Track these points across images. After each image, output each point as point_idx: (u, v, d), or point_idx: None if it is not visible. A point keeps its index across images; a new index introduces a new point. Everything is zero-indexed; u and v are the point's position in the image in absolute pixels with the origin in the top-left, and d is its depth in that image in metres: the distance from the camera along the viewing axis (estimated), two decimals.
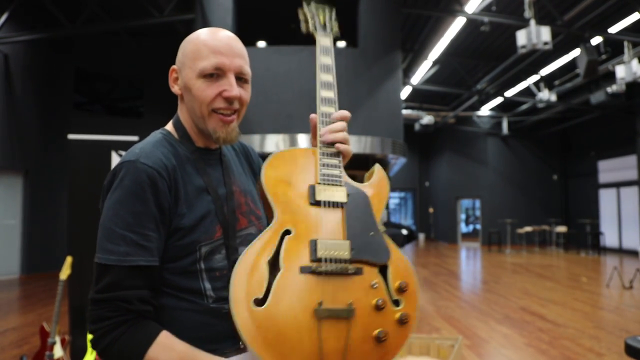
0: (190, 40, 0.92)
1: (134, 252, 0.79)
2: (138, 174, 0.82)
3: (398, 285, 0.84)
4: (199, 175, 0.91)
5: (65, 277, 3.08)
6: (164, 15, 7.49)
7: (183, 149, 0.93)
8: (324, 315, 0.76)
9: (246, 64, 0.91)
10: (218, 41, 0.88)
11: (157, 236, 0.82)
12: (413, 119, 13.97)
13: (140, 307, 0.78)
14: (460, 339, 3.32)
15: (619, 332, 4.70)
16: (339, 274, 0.80)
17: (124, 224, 0.80)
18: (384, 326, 0.81)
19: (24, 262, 8.65)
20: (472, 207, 18.93)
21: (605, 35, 8.11)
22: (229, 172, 0.98)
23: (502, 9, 8.27)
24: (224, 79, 0.87)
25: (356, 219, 0.88)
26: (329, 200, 0.88)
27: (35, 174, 8.88)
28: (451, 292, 7.15)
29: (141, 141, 0.93)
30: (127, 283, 0.78)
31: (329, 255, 0.81)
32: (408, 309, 0.84)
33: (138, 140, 3.52)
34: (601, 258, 11.84)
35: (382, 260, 0.86)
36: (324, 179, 0.90)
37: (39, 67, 9.10)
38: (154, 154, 0.86)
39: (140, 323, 0.78)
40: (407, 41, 10.63)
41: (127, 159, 0.85)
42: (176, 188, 0.86)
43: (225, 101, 0.88)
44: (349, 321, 0.78)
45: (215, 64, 0.86)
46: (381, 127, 7.00)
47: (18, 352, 3.93)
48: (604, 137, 13.76)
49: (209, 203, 0.89)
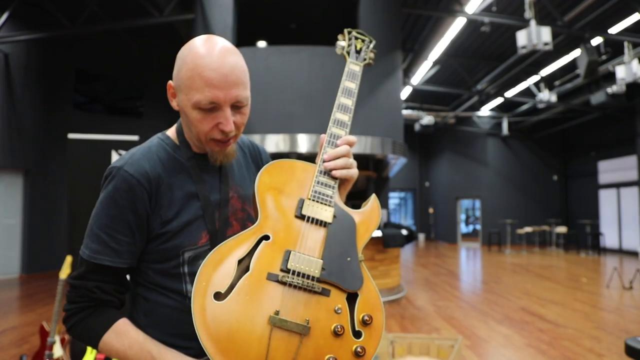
0: (185, 62, 0.86)
1: (102, 252, 0.86)
2: (119, 181, 0.87)
3: (362, 317, 0.82)
4: (193, 182, 0.93)
5: (65, 277, 3.08)
6: (164, 15, 7.49)
7: (179, 155, 0.95)
8: (278, 324, 0.76)
9: (244, 89, 0.88)
10: (213, 71, 0.83)
11: (130, 240, 0.87)
12: (413, 119, 13.97)
13: (102, 297, 0.87)
14: (460, 339, 3.32)
15: (619, 332, 4.70)
16: (304, 289, 0.80)
17: (100, 224, 0.88)
18: (337, 354, 0.78)
19: (24, 262, 8.66)
20: (472, 208, 18.92)
21: (606, 36, 8.11)
22: (227, 177, 0.99)
23: (502, 9, 8.28)
24: (220, 112, 0.87)
25: (337, 241, 0.87)
26: (314, 216, 0.88)
27: (35, 173, 8.88)
28: (451, 292, 7.15)
29: (138, 145, 0.96)
30: (93, 276, 0.87)
31: (298, 269, 0.81)
32: (368, 343, 0.80)
33: (138, 139, 3.53)
34: (601, 258, 11.84)
35: (351, 287, 0.83)
36: (315, 196, 0.90)
37: (39, 67, 9.10)
38: (139, 162, 0.89)
39: (101, 310, 0.87)
40: (407, 41, 10.64)
41: (115, 164, 0.90)
42: (157, 196, 0.89)
43: (221, 133, 0.88)
44: (301, 338, 0.77)
45: (210, 99, 0.84)
46: (381, 127, 7.01)
47: (18, 352, 3.93)
48: (604, 137, 13.77)
49: (197, 209, 0.91)
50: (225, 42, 0.88)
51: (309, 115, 6.65)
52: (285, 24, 9.39)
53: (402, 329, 4.80)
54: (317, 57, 6.85)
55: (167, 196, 0.90)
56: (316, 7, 8.49)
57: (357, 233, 0.90)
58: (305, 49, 6.90)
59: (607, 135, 13.55)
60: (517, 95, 12.95)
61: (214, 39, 0.88)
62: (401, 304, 6.12)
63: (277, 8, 8.63)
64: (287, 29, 9.54)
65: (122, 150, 3.48)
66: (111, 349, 0.84)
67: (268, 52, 7.34)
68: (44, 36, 7.83)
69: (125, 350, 0.83)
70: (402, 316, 5.43)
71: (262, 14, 8.79)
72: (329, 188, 0.92)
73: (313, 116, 6.66)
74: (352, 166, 0.96)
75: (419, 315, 5.48)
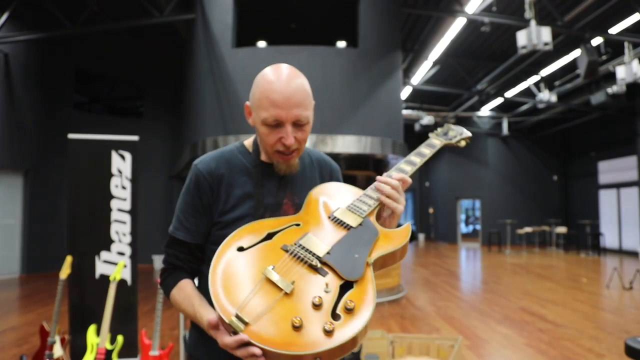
0: (258, 86, 1.05)
1: (179, 228, 1.10)
2: (192, 174, 1.11)
3: (347, 302, 0.82)
4: (252, 185, 1.10)
5: (65, 277, 3.08)
6: (164, 15, 7.49)
7: (248, 161, 1.14)
8: (267, 275, 0.86)
9: (305, 110, 1.04)
10: (278, 94, 1.00)
11: (198, 222, 1.09)
12: (413, 119, 13.97)
13: (177, 263, 1.11)
14: (460, 339, 3.33)
15: (619, 332, 4.70)
16: (304, 262, 0.90)
17: (179, 207, 1.12)
18: (305, 319, 0.79)
19: (24, 262, 8.66)
20: (472, 208, 18.93)
21: (606, 36, 8.11)
22: (285, 186, 1.13)
23: (502, 9, 8.27)
24: (282, 128, 1.03)
25: (352, 240, 0.96)
26: (341, 219, 1.01)
27: (35, 174, 8.88)
28: (451, 292, 7.15)
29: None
30: (172, 247, 1.12)
31: (306, 245, 0.93)
32: (341, 327, 0.79)
33: (138, 140, 3.53)
34: (601, 259, 11.84)
35: (347, 275, 0.87)
36: (351, 207, 1.05)
37: (39, 67, 9.10)
38: (208, 162, 1.11)
39: (174, 273, 1.11)
40: (407, 41, 10.64)
41: (194, 162, 1.13)
42: (218, 190, 1.09)
43: (283, 146, 1.05)
44: (282, 295, 0.83)
45: (274, 117, 1.01)
46: (381, 127, 7.00)
47: (18, 352, 3.93)
48: (604, 137, 13.76)
49: (249, 208, 1.08)
50: (291, 68, 1.05)
51: None
52: (285, 24, 9.39)
53: (402, 329, 4.80)
54: (317, 57, 6.85)
55: (226, 192, 1.09)
56: (316, 7, 8.48)
57: (376, 243, 0.97)
58: (305, 49, 6.90)
59: (607, 136, 13.55)
60: (517, 95, 12.95)
61: (283, 66, 1.05)
62: (401, 304, 6.12)
63: (277, 8, 8.63)
64: (287, 29, 9.54)
65: (122, 150, 3.48)
66: (174, 300, 1.08)
67: (268, 52, 7.34)
68: (44, 36, 7.83)
69: (180, 300, 1.06)
70: (402, 316, 5.43)
71: (262, 14, 8.79)
72: (366, 204, 1.05)
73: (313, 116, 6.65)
74: (397, 198, 1.07)
75: (419, 316, 5.48)
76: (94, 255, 3.35)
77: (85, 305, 3.29)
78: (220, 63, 7.04)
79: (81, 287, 3.31)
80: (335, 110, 6.76)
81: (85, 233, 3.36)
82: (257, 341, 0.77)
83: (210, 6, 7.35)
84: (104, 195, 3.41)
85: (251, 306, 0.82)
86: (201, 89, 7.37)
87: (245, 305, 0.82)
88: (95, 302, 3.24)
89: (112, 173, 3.44)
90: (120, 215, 3.43)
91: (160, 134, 10.59)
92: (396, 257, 0.99)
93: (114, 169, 3.45)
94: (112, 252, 3.40)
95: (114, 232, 3.41)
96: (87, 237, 3.36)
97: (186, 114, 8.40)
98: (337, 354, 0.79)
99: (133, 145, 3.50)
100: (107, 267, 3.36)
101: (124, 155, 3.48)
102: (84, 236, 3.35)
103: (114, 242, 3.40)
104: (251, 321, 0.79)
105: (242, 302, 0.82)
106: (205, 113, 7.16)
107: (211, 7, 7.34)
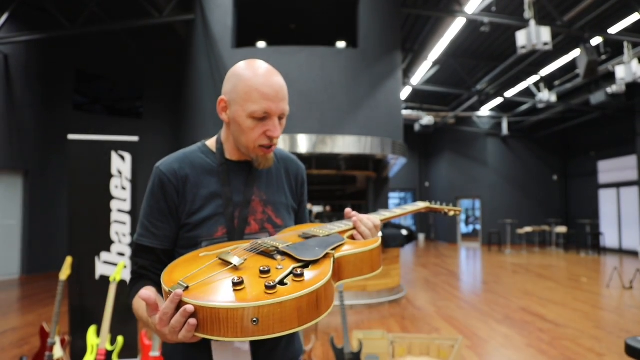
0: (242, 79, 1.04)
1: (144, 235, 1.07)
2: (155, 177, 1.09)
3: (297, 270, 0.79)
4: (220, 183, 1.10)
5: (65, 278, 3.08)
6: (163, 16, 7.49)
7: (212, 160, 1.13)
8: (220, 257, 0.87)
9: (286, 104, 1.08)
10: (269, 87, 1.03)
11: (165, 226, 1.07)
12: (413, 119, 13.97)
13: (141, 272, 1.07)
14: (460, 339, 3.32)
15: (619, 332, 4.70)
16: (263, 251, 0.91)
17: (144, 213, 1.09)
18: (248, 281, 0.76)
19: (24, 263, 8.65)
20: (472, 207, 18.93)
21: (605, 36, 8.11)
22: (252, 183, 1.13)
23: (502, 9, 8.28)
24: (269, 121, 1.05)
25: (316, 242, 0.95)
26: (310, 233, 1.03)
27: (35, 174, 8.88)
28: (451, 292, 7.15)
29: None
30: (138, 255, 1.08)
31: (266, 240, 0.96)
32: (284, 290, 0.74)
33: (138, 140, 3.53)
34: (601, 258, 11.83)
35: (302, 256, 0.86)
36: (322, 227, 1.09)
37: (39, 67, 9.10)
38: (170, 163, 1.10)
39: (139, 282, 1.07)
40: (407, 41, 10.64)
41: (156, 164, 1.11)
42: (184, 191, 1.07)
43: (268, 139, 1.06)
44: (230, 266, 0.83)
45: (265, 110, 1.03)
46: (381, 127, 7.01)
47: (18, 353, 3.93)
48: (604, 137, 13.77)
49: (218, 207, 1.08)
50: (269, 65, 1.09)
51: (309, 115, 6.65)
52: (285, 24, 9.39)
53: (402, 329, 4.80)
54: (316, 57, 6.85)
55: (193, 193, 1.08)
56: (316, 7, 8.48)
57: (342, 245, 0.96)
58: (304, 50, 6.90)
59: (607, 135, 13.55)
60: (517, 95, 12.95)
61: (261, 61, 1.08)
62: (401, 304, 6.12)
63: (277, 8, 8.63)
64: (287, 29, 9.54)
65: (122, 151, 3.48)
66: (134, 309, 1.04)
67: (268, 52, 7.34)
68: (44, 36, 7.83)
69: (137, 308, 1.02)
70: (402, 316, 5.43)
71: (262, 14, 8.79)
72: (337, 227, 1.08)
73: (312, 116, 6.66)
74: (369, 231, 1.08)
75: (419, 316, 5.48)
76: (94, 256, 3.35)
77: (85, 306, 3.29)
78: (219, 63, 7.04)
79: (81, 288, 3.31)
80: (335, 110, 6.76)
81: (85, 234, 3.36)
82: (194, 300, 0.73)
83: (210, 7, 7.35)
84: (104, 196, 3.41)
85: (196, 276, 0.81)
86: (201, 89, 7.37)
87: (190, 276, 0.81)
88: (95, 303, 3.24)
89: (112, 174, 3.44)
90: (120, 216, 3.43)
91: (160, 134, 10.59)
92: (364, 263, 0.93)
93: (113, 170, 3.45)
94: (112, 253, 3.40)
95: (114, 233, 3.41)
96: (87, 238, 3.36)
97: (186, 114, 8.40)
98: (276, 318, 0.71)
99: (133, 146, 3.50)
100: (107, 268, 3.36)
101: (123, 156, 3.48)
102: (84, 237, 3.35)
103: (114, 242, 3.41)
104: (192, 286, 0.77)
105: (189, 275, 0.82)
106: (205, 113, 7.16)
107: (211, 8, 7.34)
